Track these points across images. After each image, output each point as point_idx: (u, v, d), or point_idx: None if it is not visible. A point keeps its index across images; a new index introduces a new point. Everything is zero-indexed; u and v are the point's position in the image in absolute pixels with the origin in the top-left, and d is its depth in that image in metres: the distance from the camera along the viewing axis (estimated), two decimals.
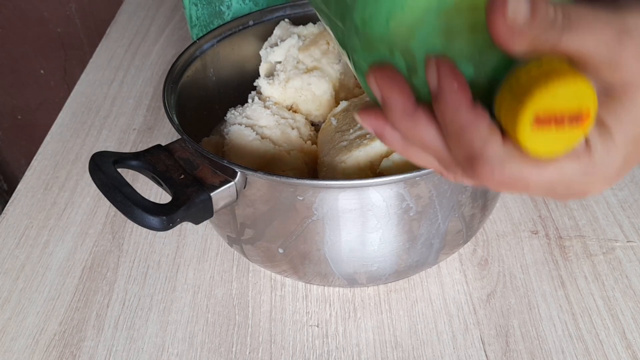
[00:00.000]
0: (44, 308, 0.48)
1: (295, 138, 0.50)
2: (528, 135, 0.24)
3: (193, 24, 0.68)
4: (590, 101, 0.24)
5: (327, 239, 0.40)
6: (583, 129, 0.24)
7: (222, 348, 0.44)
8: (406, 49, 0.26)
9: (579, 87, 0.23)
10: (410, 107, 0.26)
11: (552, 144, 0.24)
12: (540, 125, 0.24)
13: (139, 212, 0.37)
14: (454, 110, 0.25)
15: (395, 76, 0.26)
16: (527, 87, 0.23)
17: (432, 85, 0.25)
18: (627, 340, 0.43)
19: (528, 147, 0.24)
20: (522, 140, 0.24)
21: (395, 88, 0.26)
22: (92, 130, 0.68)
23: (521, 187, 0.26)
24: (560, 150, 0.25)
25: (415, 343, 0.44)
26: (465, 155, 0.26)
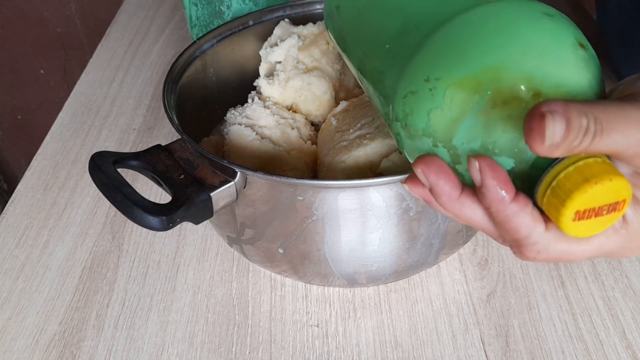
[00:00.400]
0: (44, 308, 0.48)
1: (295, 138, 0.50)
2: (570, 226, 0.26)
3: (193, 24, 0.68)
4: (625, 193, 0.26)
5: (327, 239, 0.40)
6: (620, 213, 0.27)
7: (222, 348, 0.44)
8: (448, 143, 0.28)
9: (614, 186, 0.25)
10: (456, 192, 0.28)
11: (592, 228, 0.27)
12: (582, 218, 0.26)
13: (138, 212, 0.37)
14: (499, 203, 0.27)
15: (441, 167, 0.28)
16: (568, 189, 0.26)
17: (476, 181, 0.27)
18: (627, 340, 0.43)
19: (571, 234, 0.27)
20: (564, 229, 0.27)
21: (441, 176, 0.28)
22: (92, 130, 0.68)
23: (565, 260, 0.29)
24: (599, 231, 0.27)
25: (415, 343, 0.44)
26: (512, 239, 0.28)
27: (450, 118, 0.28)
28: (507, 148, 0.27)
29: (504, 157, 0.27)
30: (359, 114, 0.48)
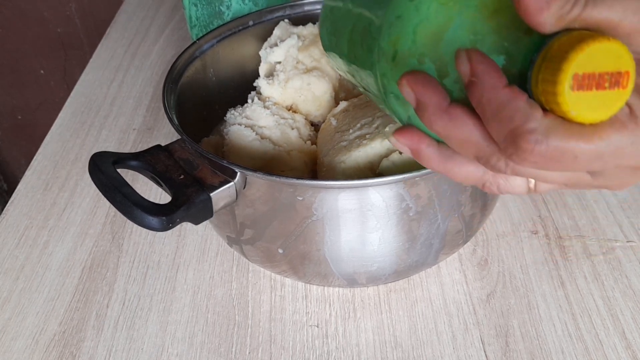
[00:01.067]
0: (44, 308, 0.48)
1: (295, 138, 0.50)
2: (569, 97, 0.24)
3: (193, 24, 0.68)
4: (628, 62, 0.24)
5: (326, 239, 0.40)
6: (624, 92, 0.24)
7: (222, 348, 0.44)
8: (435, 53, 0.28)
9: (614, 47, 0.24)
10: (445, 102, 0.27)
11: (595, 107, 0.25)
12: (581, 86, 0.24)
13: (138, 212, 0.37)
14: (491, 89, 0.25)
15: (426, 77, 0.27)
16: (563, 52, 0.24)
17: (464, 73, 0.26)
18: (626, 340, 0.43)
19: (570, 110, 0.25)
20: (564, 104, 0.24)
21: (428, 87, 0.27)
22: (92, 130, 0.68)
23: (569, 160, 0.26)
24: (604, 115, 0.25)
25: (415, 343, 0.44)
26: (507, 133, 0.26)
27: (437, 27, 0.27)
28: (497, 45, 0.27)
29: (494, 55, 0.27)
30: (358, 114, 0.48)
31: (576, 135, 0.25)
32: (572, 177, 0.28)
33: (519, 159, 0.26)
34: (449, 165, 0.29)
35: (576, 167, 0.26)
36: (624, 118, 0.25)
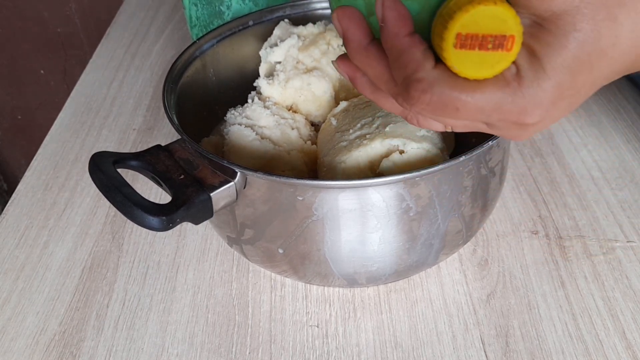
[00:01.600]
0: (44, 308, 0.48)
1: (295, 138, 0.50)
2: (452, 54, 0.27)
3: (193, 24, 0.68)
4: (512, 27, 0.26)
5: (327, 239, 0.40)
6: (508, 54, 0.26)
7: (222, 348, 0.44)
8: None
9: (499, 12, 0.25)
10: (365, 40, 0.30)
11: (478, 66, 0.27)
12: (463, 45, 0.26)
13: (138, 212, 0.37)
14: (394, 37, 0.28)
15: (354, 14, 0.30)
16: (452, 11, 0.26)
17: (378, 16, 0.29)
18: (627, 341, 0.43)
19: (454, 66, 0.27)
20: (448, 58, 0.27)
21: (352, 23, 0.30)
22: (92, 130, 0.68)
23: (452, 110, 0.28)
24: (487, 73, 0.27)
25: (415, 343, 0.44)
26: (402, 78, 0.29)
27: None
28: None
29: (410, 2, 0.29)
30: (359, 114, 0.48)
31: (459, 88, 0.27)
32: (469, 125, 0.30)
33: (410, 104, 0.29)
34: (377, 95, 0.32)
35: (461, 117, 0.28)
36: (509, 77, 0.27)
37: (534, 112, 0.28)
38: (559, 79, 0.27)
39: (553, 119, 0.29)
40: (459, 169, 0.39)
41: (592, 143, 0.61)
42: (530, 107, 0.28)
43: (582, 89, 0.28)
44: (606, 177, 0.57)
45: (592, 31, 0.26)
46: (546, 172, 0.58)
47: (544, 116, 0.28)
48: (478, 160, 0.40)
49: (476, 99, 0.27)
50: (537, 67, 0.27)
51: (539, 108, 0.28)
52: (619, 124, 0.64)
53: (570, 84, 0.27)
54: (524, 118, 0.28)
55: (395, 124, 0.45)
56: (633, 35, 0.26)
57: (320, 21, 0.55)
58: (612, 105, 0.66)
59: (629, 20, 0.26)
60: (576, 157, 0.60)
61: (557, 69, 0.26)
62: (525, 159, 0.60)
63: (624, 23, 0.26)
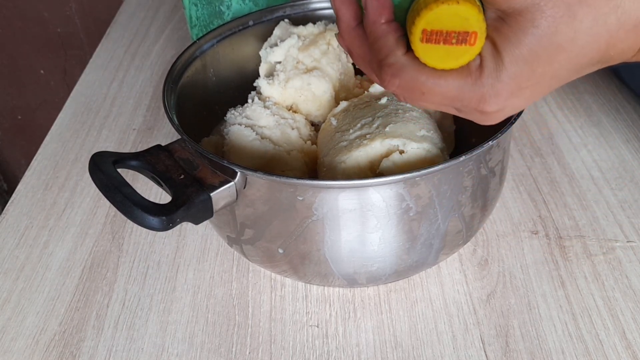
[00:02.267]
0: (44, 308, 0.48)
1: (295, 138, 0.50)
2: (419, 47, 0.29)
3: (193, 24, 0.68)
4: (475, 24, 0.28)
5: (327, 239, 0.40)
6: (472, 48, 0.29)
7: (222, 348, 0.44)
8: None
9: (461, 10, 0.28)
10: (353, 22, 0.33)
11: (444, 58, 0.29)
12: (429, 40, 0.29)
13: (138, 212, 0.37)
14: (372, 23, 0.31)
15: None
16: (420, 8, 0.29)
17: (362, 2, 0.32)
18: (627, 341, 0.43)
19: (421, 57, 0.30)
20: (415, 51, 0.29)
21: (344, 5, 0.33)
22: (92, 130, 0.68)
23: (418, 94, 0.31)
24: (452, 65, 0.29)
25: (415, 343, 0.44)
26: (377, 61, 0.31)
27: None
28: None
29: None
30: (359, 114, 0.48)
31: (424, 75, 0.30)
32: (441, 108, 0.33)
33: (383, 85, 0.32)
34: (367, 70, 0.34)
35: (428, 101, 0.31)
36: (473, 68, 0.30)
37: (491, 101, 0.30)
38: (516, 70, 0.29)
39: (515, 107, 0.31)
40: (459, 169, 0.39)
41: (592, 143, 0.61)
42: (488, 96, 0.30)
43: (543, 80, 0.30)
44: (606, 177, 0.57)
45: (550, 27, 0.27)
46: (546, 172, 0.58)
47: (504, 105, 0.30)
48: (478, 160, 0.40)
49: (439, 86, 0.30)
50: (497, 59, 0.29)
51: (497, 97, 0.30)
52: (619, 123, 0.64)
53: (529, 75, 0.29)
54: (482, 106, 0.30)
55: (395, 124, 0.45)
56: (592, 31, 0.28)
57: (320, 21, 0.55)
58: (612, 105, 0.66)
59: (589, 17, 0.27)
60: (576, 157, 0.60)
61: (514, 62, 0.28)
62: (525, 159, 0.60)
63: (583, 20, 0.27)
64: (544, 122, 0.65)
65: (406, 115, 0.46)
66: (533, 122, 0.65)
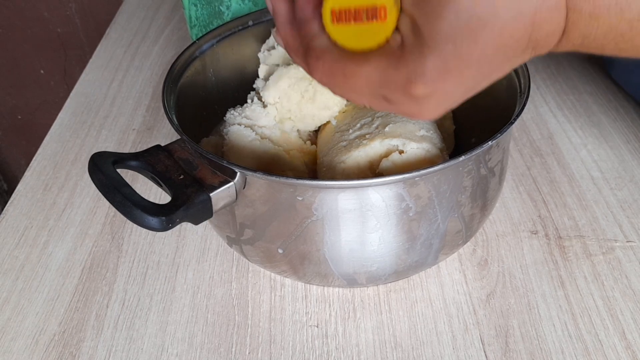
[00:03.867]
0: (44, 308, 0.48)
1: (295, 138, 0.50)
2: (331, 29, 0.29)
3: (192, 24, 0.68)
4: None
5: (326, 239, 0.40)
6: (385, 24, 0.28)
7: (221, 348, 0.44)
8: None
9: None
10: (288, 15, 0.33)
11: (358, 37, 0.29)
12: (339, 19, 0.29)
13: (138, 212, 0.37)
14: (300, 9, 0.31)
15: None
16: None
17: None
18: (626, 341, 0.43)
19: (336, 40, 0.29)
20: (329, 33, 0.29)
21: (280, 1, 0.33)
22: (92, 130, 0.68)
23: (341, 77, 0.30)
24: (369, 44, 0.29)
25: (415, 343, 0.44)
26: (303, 47, 0.32)
27: None
28: None
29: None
30: (358, 114, 0.48)
31: (347, 57, 0.30)
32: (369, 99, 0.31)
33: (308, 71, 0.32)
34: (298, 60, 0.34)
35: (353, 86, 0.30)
36: (393, 46, 0.28)
37: (418, 81, 0.28)
38: (440, 48, 0.27)
39: (447, 93, 0.29)
40: (458, 169, 0.39)
41: (592, 143, 0.61)
42: (414, 76, 0.28)
43: (470, 62, 0.27)
44: (606, 177, 0.57)
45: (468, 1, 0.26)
46: (546, 172, 0.58)
47: (433, 88, 0.28)
48: (478, 160, 0.40)
49: (363, 67, 0.29)
50: (417, 35, 0.27)
51: (423, 77, 0.28)
52: (618, 124, 0.64)
53: (453, 53, 0.27)
54: (410, 88, 0.28)
55: (394, 124, 0.45)
56: (514, 6, 0.26)
57: None
58: (612, 105, 0.66)
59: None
60: (576, 157, 0.60)
61: (436, 38, 0.27)
62: (525, 159, 0.60)
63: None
64: (544, 122, 0.65)
65: None
66: (533, 122, 0.65)
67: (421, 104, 0.29)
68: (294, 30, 0.33)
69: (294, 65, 0.49)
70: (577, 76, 0.72)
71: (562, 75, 0.72)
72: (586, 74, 0.72)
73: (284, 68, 0.49)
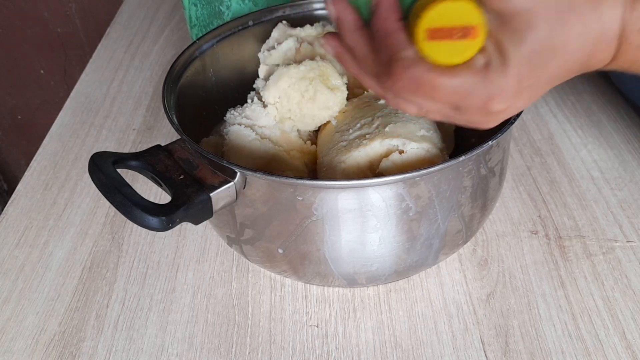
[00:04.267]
0: (44, 308, 0.48)
1: (295, 138, 0.50)
2: (424, 46, 0.30)
3: (192, 24, 0.68)
4: (474, 18, 0.29)
5: (326, 239, 0.40)
6: (474, 42, 0.30)
7: (221, 348, 0.44)
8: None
9: (461, 6, 0.29)
10: (356, 23, 0.34)
11: (449, 53, 0.30)
12: (433, 38, 0.30)
13: (138, 212, 0.37)
14: (383, 20, 0.32)
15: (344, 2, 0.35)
16: (420, 9, 0.30)
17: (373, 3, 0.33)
18: (626, 341, 0.43)
19: (427, 55, 0.31)
20: (421, 50, 0.31)
21: (345, 8, 0.34)
22: (92, 130, 0.68)
23: (429, 88, 0.32)
24: (457, 60, 0.31)
25: (415, 343, 0.44)
26: (386, 57, 0.33)
27: None
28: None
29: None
30: (358, 114, 0.48)
31: (437, 70, 0.31)
32: (441, 108, 0.33)
33: (392, 80, 0.33)
34: (360, 72, 0.36)
35: (436, 96, 0.32)
36: (479, 65, 0.31)
37: (499, 99, 0.31)
38: (520, 69, 0.30)
39: (517, 107, 0.33)
40: (458, 169, 0.39)
41: (592, 143, 0.61)
42: (496, 93, 0.31)
43: (540, 82, 0.32)
44: (606, 177, 0.57)
45: (546, 30, 0.29)
46: (546, 172, 0.58)
47: (509, 104, 0.32)
48: (478, 160, 0.40)
49: (451, 81, 0.31)
50: (502, 57, 0.30)
51: (504, 95, 0.31)
52: (618, 123, 0.64)
53: (529, 74, 0.31)
54: (490, 104, 0.32)
55: (394, 124, 0.45)
56: (581, 38, 0.30)
57: (319, 22, 0.55)
58: (612, 105, 0.66)
59: (578, 24, 0.30)
60: (576, 157, 0.60)
61: (518, 60, 0.30)
62: (525, 159, 0.60)
63: (574, 26, 0.30)
64: (544, 122, 0.65)
65: (406, 115, 0.46)
66: (533, 122, 0.65)
67: (492, 117, 0.33)
68: (365, 40, 0.34)
69: (294, 65, 0.49)
70: (577, 76, 0.72)
71: None
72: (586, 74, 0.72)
73: (284, 68, 0.49)
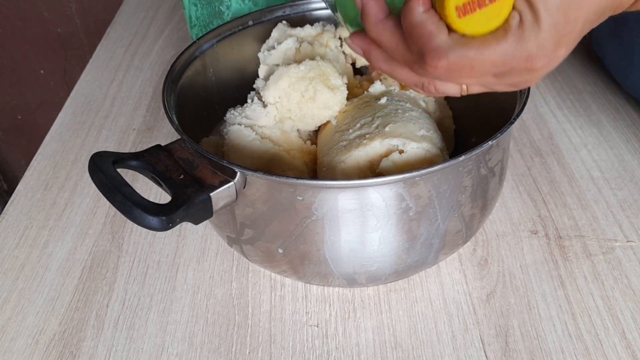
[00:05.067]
0: (44, 308, 0.48)
1: (295, 138, 0.50)
2: (458, 23, 0.30)
3: (192, 24, 0.68)
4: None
5: (326, 239, 0.40)
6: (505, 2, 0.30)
7: (221, 348, 0.44)
8: None
9: None
10: (382, 14, 0.34)
11: (485, 21, 0.30)
12: (465, 12, 0.30)
13: (138, 212, 0.37)
14: (410, 10, 0.32)
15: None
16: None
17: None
18: (626, 340, 0.43)
19: (463, 31, 0.30)
20: (456, 28, 0.30)
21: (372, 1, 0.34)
22: (92, 130, 0.68)
23: (467, 69, 0.31)
24: (494, 24, 0.30)
25: (415, 343, 0.44)
26: (419, 47, 0.32)
27: None
28: None
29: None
30: (358, 114, 0.48)
31: (471, 48, 0.31)
32: (482, 80, 0.33)
33: (427, 71, 0.32)
34: (392, 66, 0.35)
35: (475, 75, 0.32)
36: (514, 26, 0.30)
37: (539, 55, 0.31)
38: (554, 19, 0.30)
39: (557, 59, 0.32)
40: (458, 169, 0.39)
41: (592, 143, 0.61)
42: (535, 49, 0.30)
43: (576, 26, 0.31)
44: (606, 176, 0.57)
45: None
46: (546, 172, 0.58)
47: (550, 57, 0.31)
48: (478, 160, 0.40)
49: (489, 52, 0.30)
50: (533, 11, 0.30)
51: (543, 50, 0.31)
52: (618, 123, 0.64)
53: (565, 22, 0.30)
54: (531, 62, 0.31)
55: (394, 124, 0.45)
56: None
57: (318, 22, 0.55)
58: (612, 104, 0.66)
59: None
60: (576, 157, 0.60)
61: (550, 11, 0.30)
62: (525, 159, 0.60)
63: None
64: (543, 122, 0.65)
65: (406, 115, 0.46)
66: (533, 122, 0.65)
67: (535, 74, 0.32)
68: (392, 31, 0.33)
69: (294, 65, 0.49)
70: (577, 76, 0.72)
71: (562, 75, 0.72)
72: (586, 74, 0.72)
73: (284, 68, 0.49)
